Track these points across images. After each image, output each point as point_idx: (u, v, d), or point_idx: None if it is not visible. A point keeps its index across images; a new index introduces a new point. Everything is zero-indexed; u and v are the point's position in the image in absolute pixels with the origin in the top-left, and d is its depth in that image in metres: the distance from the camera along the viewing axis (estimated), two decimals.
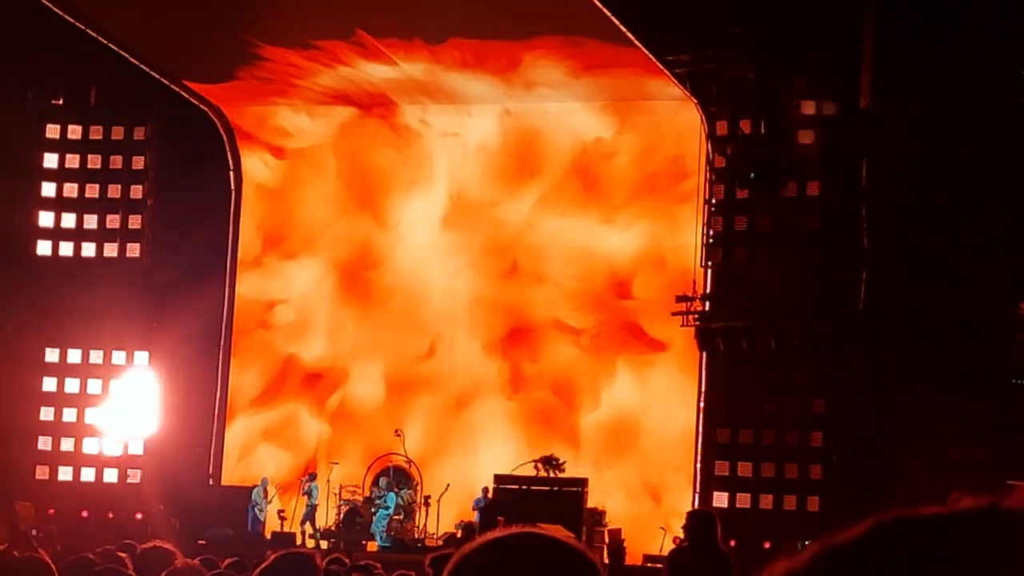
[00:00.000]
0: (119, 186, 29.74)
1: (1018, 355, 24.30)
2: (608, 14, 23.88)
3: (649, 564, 24.08)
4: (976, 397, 24.07)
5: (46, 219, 29.68)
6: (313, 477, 27.58)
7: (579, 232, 28.90)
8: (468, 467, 28.44)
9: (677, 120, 28.13)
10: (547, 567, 2.42)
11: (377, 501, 26.93)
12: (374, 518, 26.73)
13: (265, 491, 27.63)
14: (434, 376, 29.41)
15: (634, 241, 28.61)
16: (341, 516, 27.13)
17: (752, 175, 25.91)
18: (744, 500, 26.21)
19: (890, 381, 24.58)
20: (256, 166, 30.57)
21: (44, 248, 29.59)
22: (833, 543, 1.60)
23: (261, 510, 27.38)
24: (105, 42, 26.96)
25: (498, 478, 26.05)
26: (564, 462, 25.46)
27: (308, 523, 27.32)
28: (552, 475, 25.08)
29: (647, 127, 28.66)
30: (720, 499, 26.20)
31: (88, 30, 26.53)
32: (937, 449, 23.74)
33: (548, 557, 2.43)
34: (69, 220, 29.63)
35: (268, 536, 26.58)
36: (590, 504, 25.57)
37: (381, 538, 26.47)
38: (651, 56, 25.72)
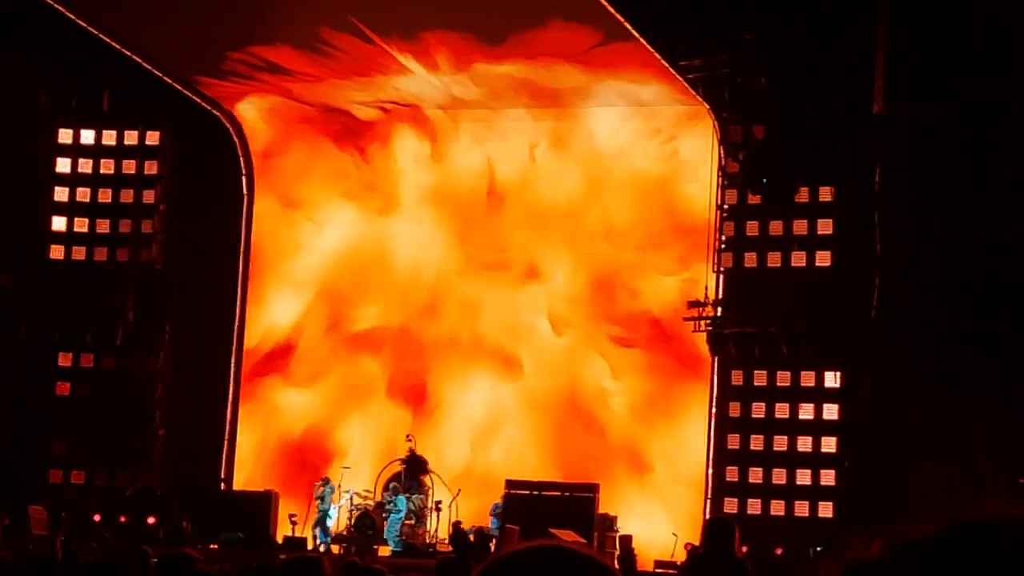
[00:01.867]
0: (132, 191, 29.77)
1: None
2: (621, 19, 23.89)
3: (660, 570, 24.06)
4: (990, 402, 24.04)
5: (59, 223, 29.71)
6: (326, 481, 27.53)
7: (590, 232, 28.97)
8: (480, 472, 28.45)
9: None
10: None
11: (388, 506, 26.90)
12: (387, 523, 26.69)
13: (335, 494, 27.34)
14: (448, 378, 29.42)
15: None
16: (353, 521, 27.10)
17: (764, 180, 25.89)
18: (755, 506, 26.19)
19: (903, 387, 24.55)
20: (270, 170, 30.58)
21: (57, 253, 29.61)
22: (908, 538, 1.61)
23: (329, 516, 27.21)
24: (109, 41, 26.91)
25: (509, 483, 26.05)
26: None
27: (319, 528, 27.28)
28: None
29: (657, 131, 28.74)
30: (731, 505, 26.19)
31: (92, 29, 26.51)
32: (951, 454, 23.71)
33: (571, 572, 2.42)
34: (82, 225, 29.66)
35: (280, 540, 26.56)
36: (601, 509, 25.61)
37: (395, 543, 26.45)
38: (664, 61, 25.71)
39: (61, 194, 29.77)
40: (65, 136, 29.74)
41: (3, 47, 27.74)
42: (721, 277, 27.10)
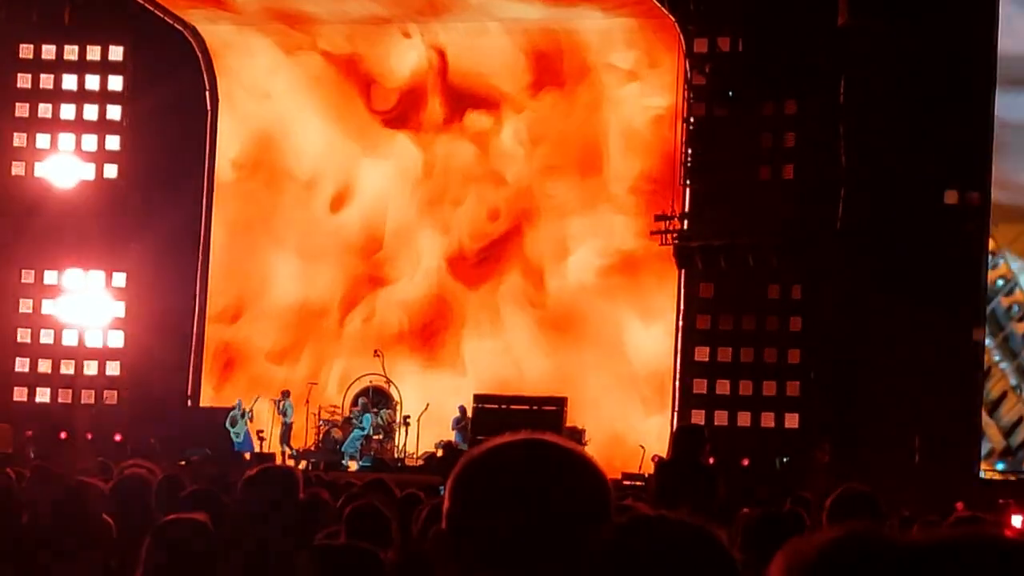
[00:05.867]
0: (95, 107, 29.52)
1: None
2: None
3: (627, 482, 24.16)
4: (950, 312, 24.18)
5: (19, 140, 29.46)
6: (287, 395, 27.54)
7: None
8: (447, 385, 28.51)
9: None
10: (555, 472, 2.41)
11: (355, 421, 27.00)
12: (348, 438, 26.82)
13: (242, 413, 27.48)
14: (413, 295, 29.45)
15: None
16: (320, 437, 27.20)
17: (730, 93, 25.84)
18: (722, 417, 26.30)
19: (867, 298, 24.65)
20: (231, 88, 30.39)
21: (18, 169, 29.41)
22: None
23: (237, 435, 27.32)
24: None
25: (477, 397, 26.14)
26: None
27: (285, 443, 27.38)
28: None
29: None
30: (698, 416, 26.29)
31: None
32: (913, 365, 23.86)
33: (556, 463, 2.42)
34: (44, 141, 29.42)
35: (247, 457, 26.61)
36: (569, 423, 25.71)
37: (358, 458, 26.53)
38: None
39: (22, 110, 29.50)
40: (26, 51, 29.41)
41: None
42: (687, 190, 27.09)
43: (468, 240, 29.41)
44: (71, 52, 29.35)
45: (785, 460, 24.94)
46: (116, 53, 29.36)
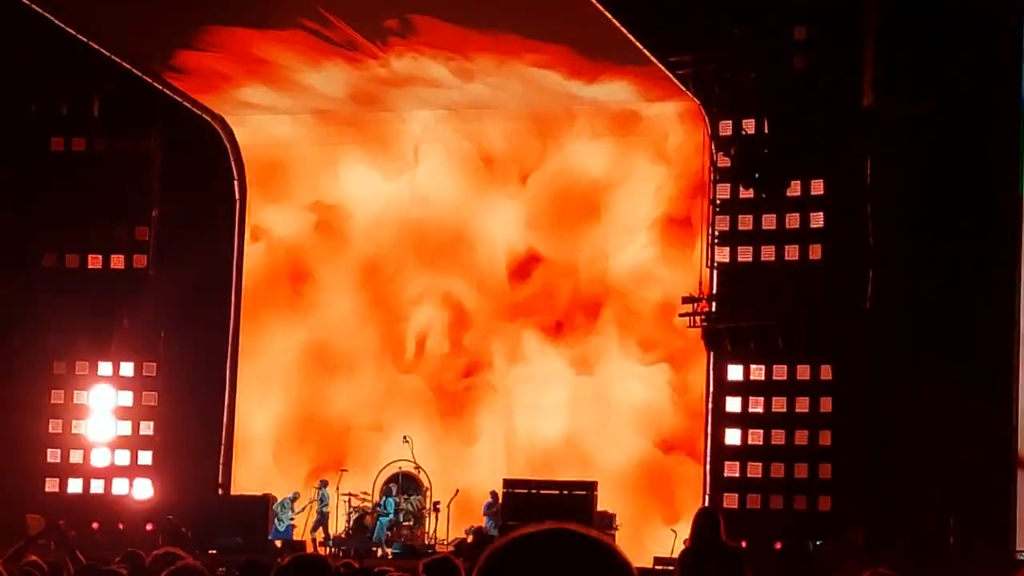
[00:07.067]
0: (125, 197, 29.70)
1: None
2: (609, 16, 23.83)
3: (659, 567, 24.05)
4: (983, 393, 24.08)
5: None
6: (325, 484, 27.60)
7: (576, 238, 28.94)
8: (474, 470, 28.44)
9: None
10: (580, 564, 2.41)
11: (378, 508, 27.02)
12: (378, 526, 26.82)
13: (292, 504, 27.55)
14: (438, 377, 29.42)
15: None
16: (351, 524, 27.17)
17: (756, 175, 25.91)
18: (754, 501, 26.19)
19: (897, 378, 24.58)
20: (259, 176, 30.56)
21: (50, 261, 29.57)
22: None
23: (281, 521, 27.35)
24: (91, 43, 26.69)
25: (507, 482, 26.08)
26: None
27: (320, 530, 27.37)
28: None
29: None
30: (731, 500, 26.20)
31: (73, 31, 26.33)
32: (946, 445, 23.74)
33: (581, 554, 2.42)
34: (72, 234, 29.56)
35: (278, 544, 26.58)
36: (600, 507, 25.62)
37: (393, 545, 26.49)
38: (652, 58, 25.68)
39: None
40: (56, 144, 29.63)
41: None
42: (715, 272, 27.10)
43: (494, 306, 29.30)
44: (101, 144, 29.52)
45: (818, 543, 24.78)
46: (145, 144, 29.51)
